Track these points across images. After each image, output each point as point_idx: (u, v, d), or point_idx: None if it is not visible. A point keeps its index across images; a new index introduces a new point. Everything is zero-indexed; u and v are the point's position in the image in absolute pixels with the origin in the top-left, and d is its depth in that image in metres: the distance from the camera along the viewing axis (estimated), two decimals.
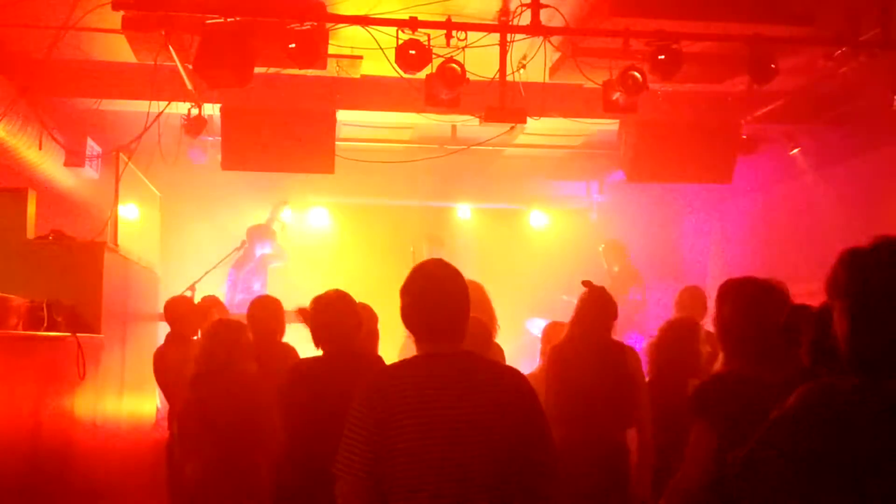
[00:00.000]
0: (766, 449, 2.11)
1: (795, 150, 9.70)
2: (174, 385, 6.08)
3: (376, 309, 5.11)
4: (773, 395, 2.41)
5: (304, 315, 4.59)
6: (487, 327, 5.08)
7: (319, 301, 4.56)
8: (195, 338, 6.49)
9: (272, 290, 9.65)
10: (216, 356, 4.83)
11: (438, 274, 3.20)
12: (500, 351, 5.43)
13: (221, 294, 9.99)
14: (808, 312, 3.35)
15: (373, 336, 5.06)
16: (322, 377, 4.42)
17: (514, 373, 3.27)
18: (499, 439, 2.99)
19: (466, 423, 2.97)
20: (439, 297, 3.13)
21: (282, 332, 5.68)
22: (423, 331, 3.14)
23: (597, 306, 5.50)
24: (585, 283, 5.57)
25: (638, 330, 9.45)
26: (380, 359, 4.76)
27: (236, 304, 9.55)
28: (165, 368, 6.19)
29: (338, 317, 4.51)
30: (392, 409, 2.98)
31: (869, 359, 2.10)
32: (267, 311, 5.68)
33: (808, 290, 7.53)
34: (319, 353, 4.57)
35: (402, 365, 3.25)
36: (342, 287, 4.69)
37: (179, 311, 6.52)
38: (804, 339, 3.28)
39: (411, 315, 3.16)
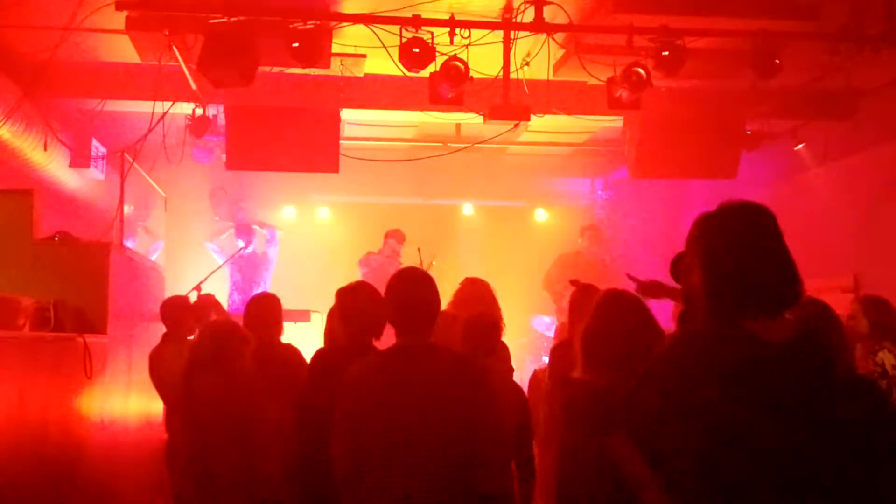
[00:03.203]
0: (645, 385, 2.40)
1: (800, 146, 9.69)
2: (170, 385, 6.06)
3: None
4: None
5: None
6: (495, 321, 5.09)
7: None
8: (191, 338, 6.51)
9: (276, 289, 9.66)
10: (205, 353, 4.80)
11: (411, 277, 3.67)
12: (506, 349, 5.41)
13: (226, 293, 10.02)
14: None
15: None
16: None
17: (472, 367, 3.59)
18: (445, 430, 3.29)
19: (419, 415, 3.30)
20: (410, 298, 3.56)
21: (280, 330, 5.65)
22: (397, 323, 3.57)
23: (587, 301, 5.50)
24: (573, 282, 5.57)
25: None
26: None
27: (238, 304, 9.58)
28: (161, 368, 6.14)
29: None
30: (360, 399, 3.39)
31: (719, 306, 2.37)
32: (265, 309, 5.64)
33: (815, 287, 7.51)
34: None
35: (375, 357, 3.70)
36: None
37: (175, 310, 6.48)
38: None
39: (390, 310, 3.62)
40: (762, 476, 2.20)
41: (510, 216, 12.45)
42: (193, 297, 7.52)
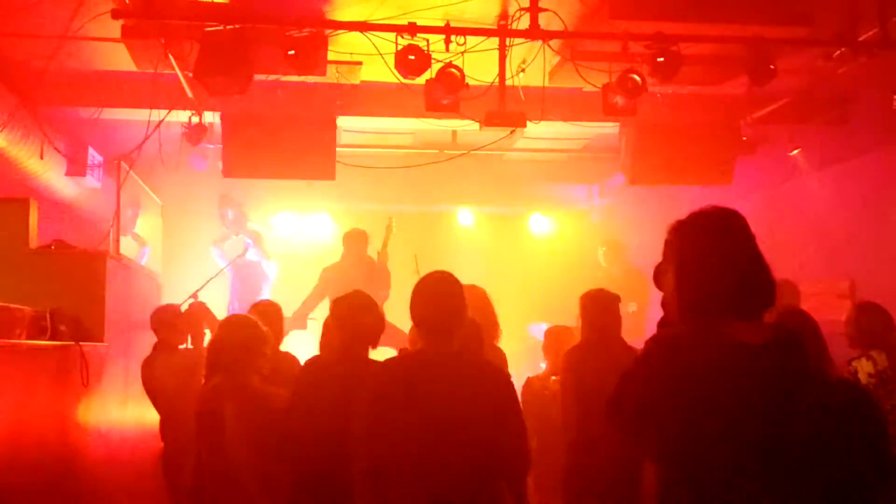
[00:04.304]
0: (624, 389, 2.52)
1: (796, 151, 9.71)
2: (162, 394, 6.05)
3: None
4: None
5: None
6: (479, 328, 5.09)
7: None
8: (182, 346, 6.49)
9: (273, 296, 9.65)
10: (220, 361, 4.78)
11: (437, 282, 3.68)
12: (503, 355, 5.42)
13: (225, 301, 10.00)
14: None
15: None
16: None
17: (496, 374, 3.64)
18: (471, 435, 3.32)
19: (442, 419, 3.32)
20: (435, 301, 3.60)
21: (281, 339, 5.64)
22: (421, 327, 3.62)
23: (600, 308, 5.54)
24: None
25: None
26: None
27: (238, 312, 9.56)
28: (153, 378, 6.13)
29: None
30: (384, 402, 3.43)
31: (692, 309, 2.47)
32: (265, 317, 5.60)
33: (811, 291, 7.49)
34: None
35: (401, 362, 3.76)
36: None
37: (166, 319, 6.45)
38: None
39: (414, 315, 3.63)
40: (737, 474, 2.27)
41: (507, 222, 12.47)
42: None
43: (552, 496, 5.74)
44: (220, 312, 9.48)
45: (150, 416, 6.27)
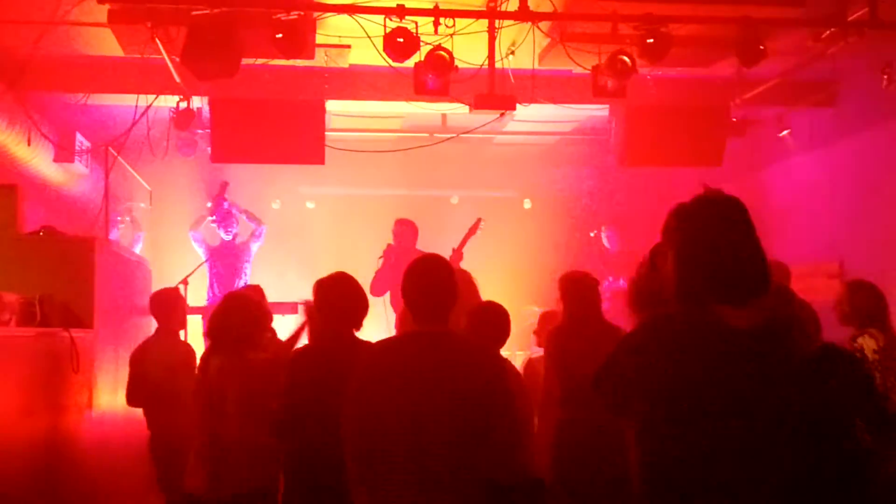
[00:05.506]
0: (613, 366, 2.61)
1: (785, 132, 9.72)
2: (150, 382, 6.00)
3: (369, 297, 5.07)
4: None
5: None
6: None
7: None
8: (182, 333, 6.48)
9: (263, 282, 9.61)
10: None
11: (430, 264, 3.67)
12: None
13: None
14: None
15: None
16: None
17: (485, 352, 3.68)
18: (458, 416, 3.30)
19: (431, 398, 3.32)
20: (427, 283, 3.58)
21: (269, 318, 5.63)
22: (413, 310, 3.58)
23: (580, 289, 5.59)
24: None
25: None
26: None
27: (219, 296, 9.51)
28: (144, 361, 6.08)
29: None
30: (374, 382, 3.44)
31: (689, 292, 2.52)
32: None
33: (801, 272, 7.50)
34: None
35: (391, 342, 3.76)
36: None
37: (164, 304, 6.41)
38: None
39: (406, 296, 3.61)
40: (720, 449, 2.35)
41: (498, 206, 12.43)
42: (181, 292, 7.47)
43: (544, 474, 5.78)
44: (201, 296, 9.50)
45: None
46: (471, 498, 3.32)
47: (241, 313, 4.82)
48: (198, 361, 5.19)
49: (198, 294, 9.36)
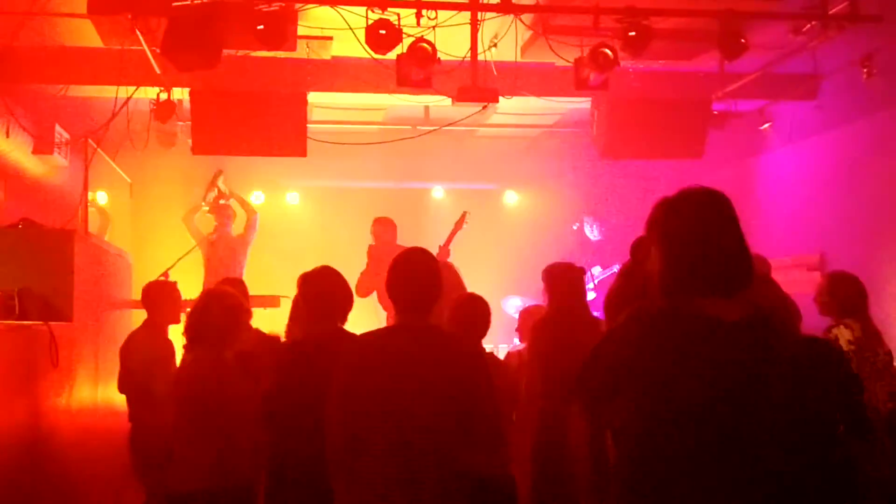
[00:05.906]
0: (598, 358, 2.64)
1: (766, 125, 9.76)
2: (134, 374, 5.99)
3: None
4: None
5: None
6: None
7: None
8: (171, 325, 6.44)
9: (245, 275, 9.58)
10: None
11: (414, 258, 3.70)
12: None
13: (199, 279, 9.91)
14: None
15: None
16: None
17: (465, 346, 3.73)
18: (437, 409, 3.36)
19: (412, 392, 3.36)
20: (409, 276, 3.63)
21: (249, 315, 5.61)
22: (397, 303, 3.62)
23: (565, 281, 5.58)
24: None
25: None
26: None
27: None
28: (131, 351, 6.09)
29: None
30: (355, 375, 3.48)
31: (673, 285, 2.55)
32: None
33: (782, 265, 7.54)
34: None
35: (373, 335, 3.73)
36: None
37: (153, 297, 6.40)
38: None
39: (389, 289, 3.65)
40: (705, 444, 2.37)
41: (481, 198, 12.44)
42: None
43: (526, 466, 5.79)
44: (195, 290, 9.44)
45: (119, 396, 6.23)
46: (451, 489, 3.34)
47: (220, 310, 4.78)
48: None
49: (194, 287, 9.31)
